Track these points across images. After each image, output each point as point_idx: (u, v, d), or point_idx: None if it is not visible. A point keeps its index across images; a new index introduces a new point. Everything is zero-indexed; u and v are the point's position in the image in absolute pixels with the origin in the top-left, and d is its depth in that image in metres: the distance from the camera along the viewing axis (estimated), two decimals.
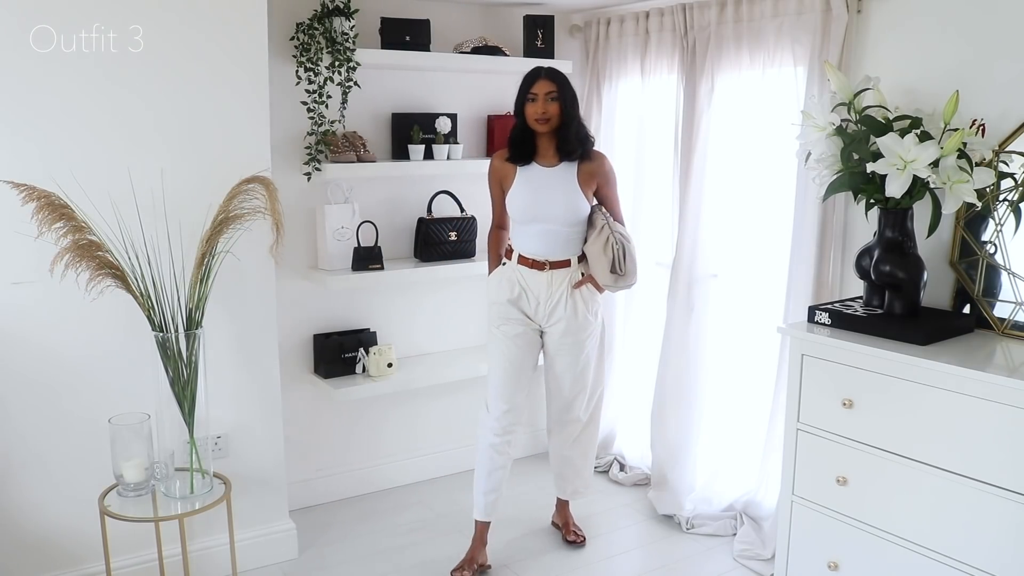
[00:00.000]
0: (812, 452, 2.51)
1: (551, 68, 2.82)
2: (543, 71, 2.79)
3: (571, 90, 2.80)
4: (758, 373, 3.14)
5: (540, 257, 2.83)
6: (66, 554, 2.64)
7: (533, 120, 2.76)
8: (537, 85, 2.75)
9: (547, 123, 2.76)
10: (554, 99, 2.74)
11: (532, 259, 2.84)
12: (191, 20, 2.60)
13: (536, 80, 2.77)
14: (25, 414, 2.54)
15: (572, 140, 2.79)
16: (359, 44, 3.09)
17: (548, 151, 2.82)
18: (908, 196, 2.33)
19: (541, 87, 2.75)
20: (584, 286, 2.85)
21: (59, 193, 2.29)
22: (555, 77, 2.78)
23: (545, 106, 2.74)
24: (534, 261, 2.83)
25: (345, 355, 3.32)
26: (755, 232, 3.10)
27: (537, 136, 2.81)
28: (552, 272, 2.83)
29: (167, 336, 2.41)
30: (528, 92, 2.76)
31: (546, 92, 2.75)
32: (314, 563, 3.02)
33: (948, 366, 2.15)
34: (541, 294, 2.84)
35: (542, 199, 2.79)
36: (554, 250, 2.82)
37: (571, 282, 2.84)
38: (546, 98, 2.74)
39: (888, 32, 2.64)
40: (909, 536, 2.28)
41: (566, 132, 2.78)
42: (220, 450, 2.82)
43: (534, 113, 2.75)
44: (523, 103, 2.78)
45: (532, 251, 2.84)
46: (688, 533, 3.21)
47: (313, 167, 3.10)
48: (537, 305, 2.86)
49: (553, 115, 2.75)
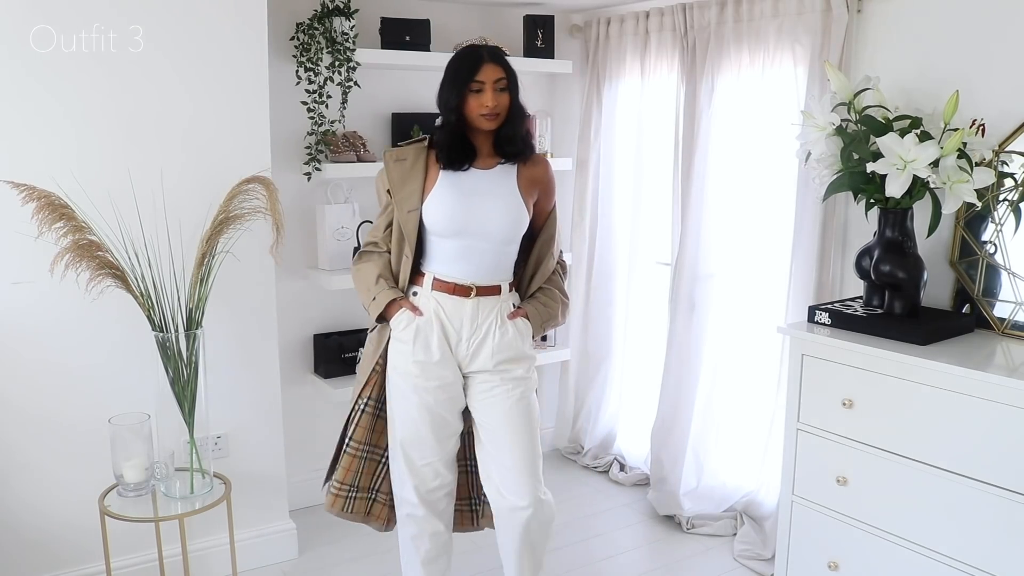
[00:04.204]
0: (812, 452, 2.51)
1: (494, 48, 2.27)
2: (486, 52, 2.22)
3: (517, 75, 2.27)
4: (759, 373, 3.14)
5: (464, 281, 2.28)
6: (66, 554, 2.64)
7: (477, 115, 2.21)
8: (483, 71, 2.18)
9: (496, 119, 2.22)
10: (503, 89, 2.21)
11: (454, 283, 2.28)
12: (191, 20, 2.60)
13: (480, 65, 2.19)
14: (25, 414, 2.54)
15: (518, 139, 2.28)
16: (359, 44, 3.09)
17: (483, 150, 2.30)
18: (908, 196, 2.33)
19: (488, 73, 2.19)
20: (520, 319, 2.34)
21: (59, 193, 2.29)
22: (501, 60, 2.23)
23: (496, 97, 2.19)
24: (456, 286, 2.27)
25: (345, 355, 3.31)
26: (755, 232, 3.10)
27: (473, 134, 2.28)
28: (479, 300, 2.29)
29: (167, 336, 2.41)
30: (471, 80, 2.19)
31: (495, 80, 2.19)
32: (314, 563, 3.02)
33: (948, 366, 2.15)
34: (464, 328, 2.28)
35: (474, 209, 2.24)
36: (482, 272, 2.28)
37: (501, 314, 2.32)
38: (495, 87, 2.19)
39: (888, 32, 2.64)
40: (909, 536, 2.28)
41: (512, 129, 2.26)
42: (220, 450, 2.82)
43: (480, 107, 2.20)
44: (462, 94, 2.20)
45: (453, 274, 2.28)
46: (688, 533, 3.21)
47: (313, 167, 3.10)
48: (459, 342, 2.29)
49: (503, 108, 2.23)
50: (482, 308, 2.29)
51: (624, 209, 3.62)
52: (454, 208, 2.25)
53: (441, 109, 2.27)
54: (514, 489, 2.29)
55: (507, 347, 2.31)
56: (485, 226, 2.26)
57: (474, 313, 2.29)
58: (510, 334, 2.32)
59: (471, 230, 2.26)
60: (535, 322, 2.37)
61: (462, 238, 2.27)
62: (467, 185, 2.27)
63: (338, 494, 2.46)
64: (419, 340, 2.29)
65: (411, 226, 2.29)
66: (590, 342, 3.78)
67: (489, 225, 2.26)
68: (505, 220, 2.27)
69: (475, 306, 2.29)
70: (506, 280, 2.34)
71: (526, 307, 2.37)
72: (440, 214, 2.26)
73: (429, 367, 2.29)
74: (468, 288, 2.28)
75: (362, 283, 2.38)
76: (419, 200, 2.28)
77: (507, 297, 2.34)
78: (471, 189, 2.26)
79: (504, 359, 2.31)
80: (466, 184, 2.27)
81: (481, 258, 2.28)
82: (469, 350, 2.30)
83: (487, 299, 2.30)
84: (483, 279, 2.29)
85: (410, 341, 2.29)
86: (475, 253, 2.28)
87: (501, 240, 2.29)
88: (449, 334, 2.29)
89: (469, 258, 2.28)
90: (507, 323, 2.32)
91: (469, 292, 2.28)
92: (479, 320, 2.29)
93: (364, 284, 2.37)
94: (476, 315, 2.29)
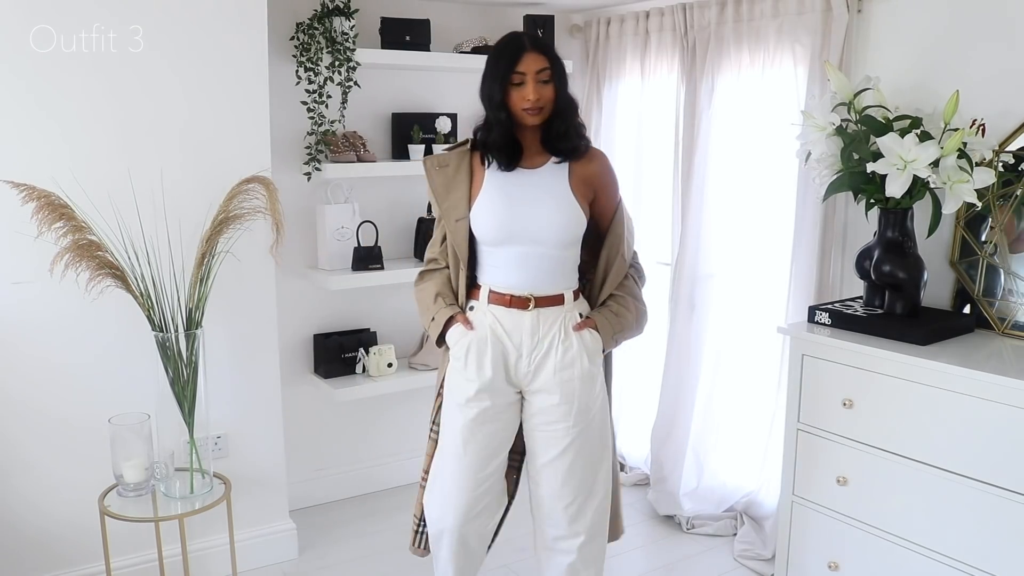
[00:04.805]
0: (812, 452, 2.51)
1: (535, 36, 2.09)
2: (527, 40, 2.04)
3: (563, 64, 2.08)
4: (759, 373, 3.14)
5: (521, 291, 2.10)
6: (66, 554, 2.64)
7: (520, 110, 2.04)
8: (524, 61, 2.01)
9: (539, 113, 2.04)
10: (547, 81, 2.03)
11: (510, 295, 2.11)
12: (191, 20, 2.60)
13: (521, 55, 2.01)
14: (25, 414, 2.54)
15: (570, 133, 2.08)
16: (359, 44, 3.09)
17: (531, 148, 2.12)
18: (908, 196, 2.33)
19: (530, 63, 2.01)
20: (587, 331, 2.13)
21: (59, 193, 2.29)
22: (544, 48, 2.04)
23: (538, 90, 2.01)
24: (513, 297, 2.10)
25: (345, 355, 3.31)
26: (756, 232, 3.10)
27: (519, 130, 2.10)
28: (539, 311, 2.11)
29: (167, 336, 2.41)
30: (512, 72, 2.01)
31: (537, 71, 2.01)
32: (314, 563, 3.02)
33: (948, 366, 2.15)
34: (524, 343, 2.10)
35: (523, 212, 2.08)
36: (540, 281, 2.11)
37: (566, 325, 2.13)
38: (537, 79, 2.02)
39: (888, 32, 2.64)
40: (909, 536, 2.28)
41: (563, 124, 2.07)
42: (220, 450, 2.82)
43: (522, 101, 2.02)
44: (504, 86, 2.03)
45: (509, 284, 2.11)
46: (688, 533, 3.21)
47: (313, 167, 3.10)
48: (519, 359, 2.12)
49: (548, 102, 2.04)
50: (543, 320, 2.10)
51: None
52: (502, 213, 2.09)
53: (485, 105, 2.09)
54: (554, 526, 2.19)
55: (571, 364, 2.11)
56: (537, 231, 2.07)
57: (534, 326, 2.10)
58: (574, 348, 2.11)
59: (522, 236, 2.08)
60: (605, 333, 2.14)
61: (514, 245, 2.09)
62: (514, 187, 2.10)
63: (414, 530, 2.35)
64: (471, 357, 2.13)
65: (461, 236, 2.14)
66: None
67: (541, 230, 2.07)
68: (557, 223, 2.07)
69: (535, 318, 2.10)
70: (569, 288, 2.14)
71: (595, 317, 2.15)
72: (487, 220, 2.10)
73: (478, 390, 2.12)
74: (526, 299, 2.10)
75: (422, 304, 2.24)
76: (467, 207, 2.12)
77: (572, 306, 2.14)
78: (519, 191, 2.10)
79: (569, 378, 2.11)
80: (513, 186, 2.10)
81: (538, 265, 2.10)
82: (531, 367, 2.12)
83: (548, 310, 2.11)
84: (542, 288, 2.10)
85: (462, 358, 2.14)
86: (530, 260, 2.09)
87: (556, 244, 2.09)
88: (508, 351, 2.12)
89: (524, 266, 2.10)
90: (571, 336, 2.11)
91: (527, 303, 2.10)
92: (540, 333, 2.10)
93: (424, 305, 2.23)
94: (537, 328, 2.10)
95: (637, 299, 2.22)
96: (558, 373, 2.11)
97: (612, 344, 2.18)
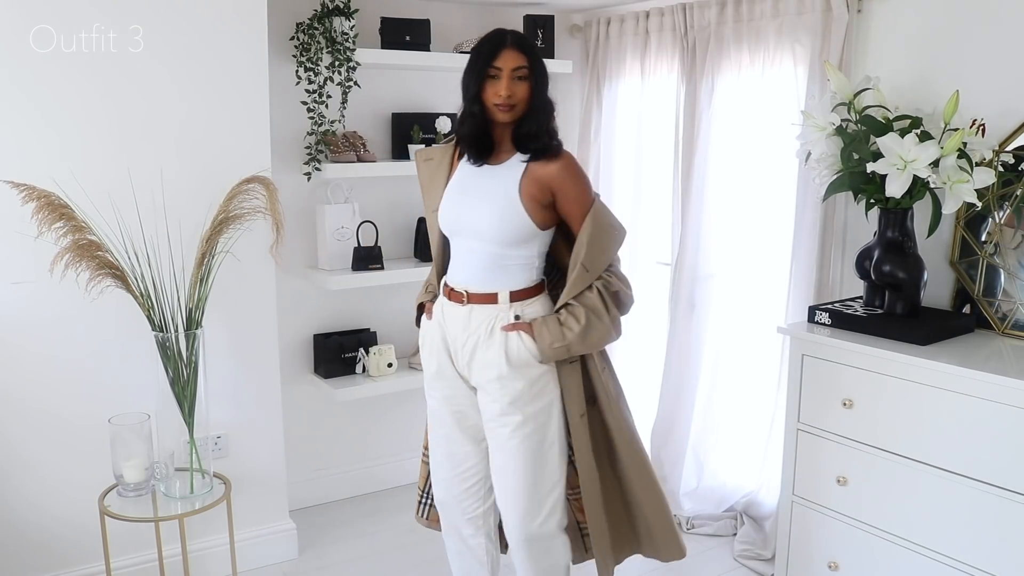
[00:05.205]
0: (812, 452, 2.51)
1: (519, 34, 2.08)
2: (508, 37, 2.05)
3: (543, 65, 2.07)
4: (759, 373, 3.14)
5: (459, 286, 2.12)
6: (66, 554, 2.64)
7: (492, 105, 2.04)
8: (502, 57, 2.01)
9: (511, 111, 2.03)
10: (523, 78, 2.03)
11: (451, 288, 2.13)
12: (191, 20, 2.60)
13: (500, 50, 2.02)
14: (25, 414, 2.54)
15: (539, 134, 2.05)
16: (359, 44, 3.09)
17: (503, 146, 2.12)
18: (908, 196, 2.33)
19: (507, 60, 2.01)
20: (516, 334, 2.07)
21: (59, 193, 2.29)
22: (525, 47, 2.04)
23: (511, 87, 2.01)
24: (452, 291, 2.13)
25: (345, 355, 3.31)
26: (755, 232, 3.10)
27: (495, 126, 2.10)
28: (472, 308, 2.09)
29: (167, 336, 2.41)
30: (489, 66, 2.03)
31: (513, 68, 2.02)
32: (314, 563, 3.02)
33: (948, 366, 2.15)
34: (458, 337, 2.11)
35: (466, 205, 2.09)
36: (476, 278, 2.09)
37: (494, 325, 2.09)
38: (512, 76, 2.02)
39: (888, 32, 2.64)
40: (909, 536, 2.28)
41: (533, 124, 2.04)
42: (220, 450, 2.82)
43: (495, 96, 2.02)
44: (480, 80, 2.04)
45: (454, 278, 2.14)
46: (688, 533, 3.21)
47: (313, 167, 3.10)
48: (455, 353, 2.14)
49: (520, 100, 2.03)
50: (474, 317, 2.09)
51: (624, 209, 3.60)
52: (452, 206, 2.12)
53: (462, 96, 2.12)
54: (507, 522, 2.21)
55: (489, 365, 2.08)
56: (477, 226, 2.07)
57: (466, 322, 2.10)
58: (495, 349, 2.07)
59: (465, 230, 2.10)
60: (541, 340, 2.05)
61: (460, 238, 2.12)
62: (472, 181, 2.12)
63: (418, 500, 2.47)
64: (424, 346, 2.26)
65: (434, 227, 2.21)
66: None
67: (480, 225, 2.07)
68: (495, 220, 2.05)
69: (467, 314, 2.10)
70: (508, 288, 2.09)
71: (535, 322, 2.08)
72: (442, 212, 2.14)
73: (431, 376, 2.24)
74: (461, 294, 2.11)
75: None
76: (439, 199, 2.17)
77: (507, 307, 2.08)
78: (474, 186, 2.11)
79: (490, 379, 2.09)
80: (472, 180, 2.12)
81: (476, 262, 2.10)
82: (463, 362, 2.13)
83: (481, 308, 2.09)
84: (476, 285, 2.10)
85: (422, 345, 2.28)
86: (471, 256, 2.10)
87: (495, 242, 2.06)
88: (448, 343, 2.16)
89: (465, 261, 2.12)
90: (496, 336, 2.07)
91: (462, 298, 2.11)
92: (470, 330, 2.09)
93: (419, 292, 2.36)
94: (468, 324, 2.10)
95: (594, 311, 2.06)
96: (481, 372, 2.11)
97: (556, 354, 2.06)
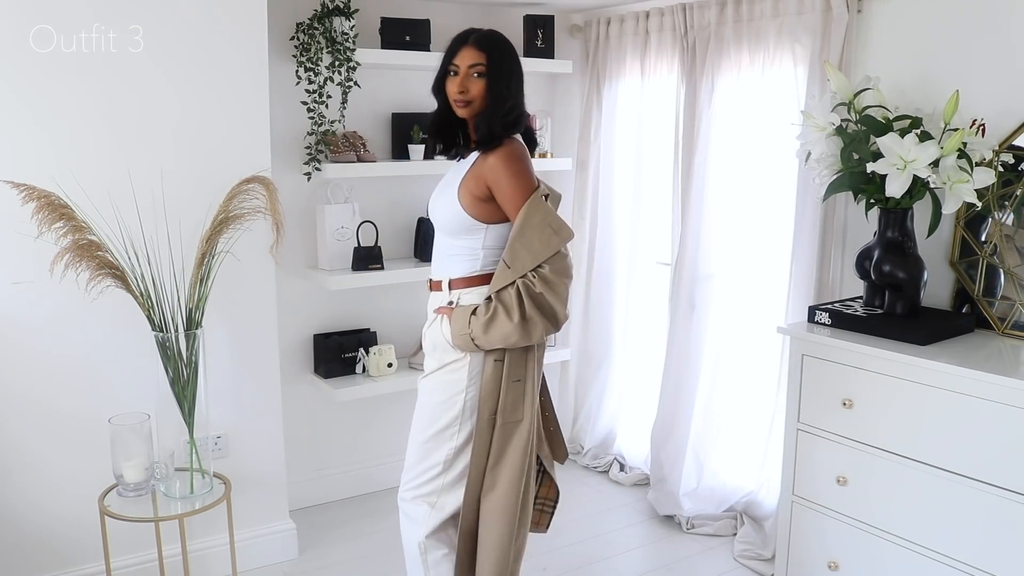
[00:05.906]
0: (812, 452, 2.51)
1: (485, 33, 2.12)
2: (472, 36, 2.10)
3: (508, 63, 2.10)
4: (759, 373, 3.14)
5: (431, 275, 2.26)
6: (66, 554, 2.64)
7: (452, 100, 2.11)
8: (460, 55, 2.08)
9: (467, 107, 2.09)
10: (480, 75, 2.07)
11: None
12: (191, 20, 2.60)
13: (460, 48, 2.09)
14: (25, 414, 2.54)
15: (482, 128, 2.08)
16: (359, 44, 3.09)
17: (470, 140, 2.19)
18: (908, 196, 2.33)
19: (464, 57, 2.07)
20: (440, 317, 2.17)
21: (59, 193, 2.29)
22: (486, 45, 2.08)
23: (465, 83, 2.07)
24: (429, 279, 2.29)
25: (345, 355, 3.31)
26: (755, 232, 3.10)
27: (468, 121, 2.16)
28: (432, 295, 2.23)
29: (167, 336, 2.41)
30: (449, 62, 2.10)
31: (470, 64, 2.07)
32: (314, 563, 3.02)
33: (948, 366, 2.15)
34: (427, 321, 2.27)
35: (435, 195, 2.24)
36: (434, 265, 2.23)
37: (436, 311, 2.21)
38: (469, 73, 2.07)
39: (888, 32, 2.65)
40: (909, 536, 2.28)
41: (482, 119, 2.08)
42: (220, 450, 2.82)
43: (452, 91, 2.10)
44: (444, 76, 2.12)
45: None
46: (688, 533, 3.21)
47: (313, 167, 3.10)
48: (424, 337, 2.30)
49: (475, 97, 2.08)
50: (431, 303, 2.24)
51: (624, 209, 3.62)
52: (432, 196, 2.25)
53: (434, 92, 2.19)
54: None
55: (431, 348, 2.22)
56: (434, 215, 2.21)
57: (429, 308, 2.25)
58: (432, 330, 2.21)
59: (432, 220, 2.23)
60: (454, 326, 2.11)
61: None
62: (447, 174, 2.24)
63: None
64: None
65: None
66: (590, 342, 3.78)
67: (435, 215, 2.20)
68: (442, 211, 2.15)
69: (430, 301, 2.24)
70: (450, 276, 2.16)
71: (456, 309, 2.14)
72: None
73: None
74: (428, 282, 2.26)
75: None
76: None
77: (447, 294, 2.17)
78: (445, 178, 2.23)
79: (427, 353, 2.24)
80: (447, 173, 2.24)
81: (436, 250, 2.23)
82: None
83: (435, 294, 2.22)
84: (435, 273, 2.22)
85: None
86: (436, 245, 2.23)
87: (443, 231, 2.18)
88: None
89: (434, 250, 2.25)
90: (435, 321, 2.19)
91: (430, 285, 2.24)
92: (429, 316, 2.23)
93: None
94: (429, 310, 2.24)
95: (505, 308, 2.04)
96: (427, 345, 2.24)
97: (462, 342, 2.10)
